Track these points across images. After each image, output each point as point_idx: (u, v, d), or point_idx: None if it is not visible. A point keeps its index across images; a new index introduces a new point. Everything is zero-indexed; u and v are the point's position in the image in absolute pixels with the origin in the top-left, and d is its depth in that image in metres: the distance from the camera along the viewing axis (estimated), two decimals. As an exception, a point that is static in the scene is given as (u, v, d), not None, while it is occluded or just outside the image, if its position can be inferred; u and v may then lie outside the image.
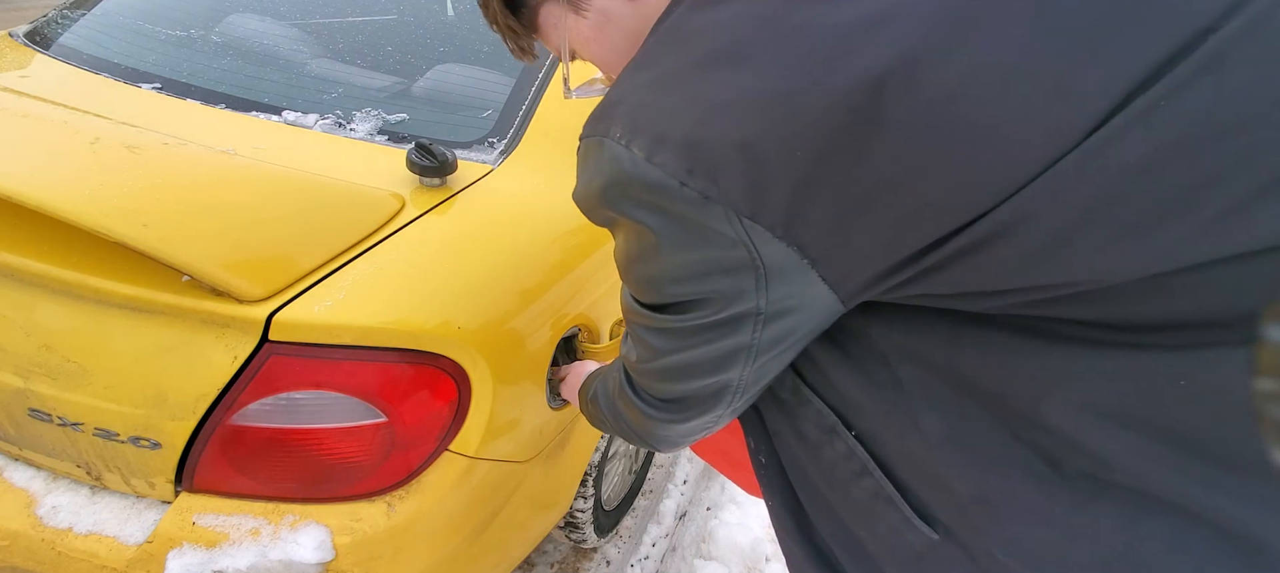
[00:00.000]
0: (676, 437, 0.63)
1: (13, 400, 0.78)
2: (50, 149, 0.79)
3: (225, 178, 0.83)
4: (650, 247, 0.46)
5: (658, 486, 1.78)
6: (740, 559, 1.60)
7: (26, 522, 0.79)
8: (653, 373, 0.56)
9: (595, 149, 0.47)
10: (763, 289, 0.44)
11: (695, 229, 0.43)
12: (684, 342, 0.50)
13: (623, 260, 0.51)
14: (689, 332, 0.49)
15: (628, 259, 0.50)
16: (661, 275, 0.48)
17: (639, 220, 0.45)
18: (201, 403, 0.74)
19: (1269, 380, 0.35)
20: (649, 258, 0.47)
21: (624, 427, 0.67)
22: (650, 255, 0.47)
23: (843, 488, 0.55)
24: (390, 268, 0.82)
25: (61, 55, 1.19)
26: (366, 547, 0.78)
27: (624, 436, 0.70)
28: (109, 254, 0.72)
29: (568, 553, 1.57)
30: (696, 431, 0.61)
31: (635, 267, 0.49)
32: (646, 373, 0.57)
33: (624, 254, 0.50)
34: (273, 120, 1.06)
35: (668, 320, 0.50)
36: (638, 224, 0.45)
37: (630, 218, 0.46)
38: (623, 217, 0.46)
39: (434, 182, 0.95)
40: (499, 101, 1.13)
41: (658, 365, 0.54)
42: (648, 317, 0.52)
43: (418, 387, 0.80)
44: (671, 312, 0.50)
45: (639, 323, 0.54)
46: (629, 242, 0.49)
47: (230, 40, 1.25)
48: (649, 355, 0.55)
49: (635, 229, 0.46)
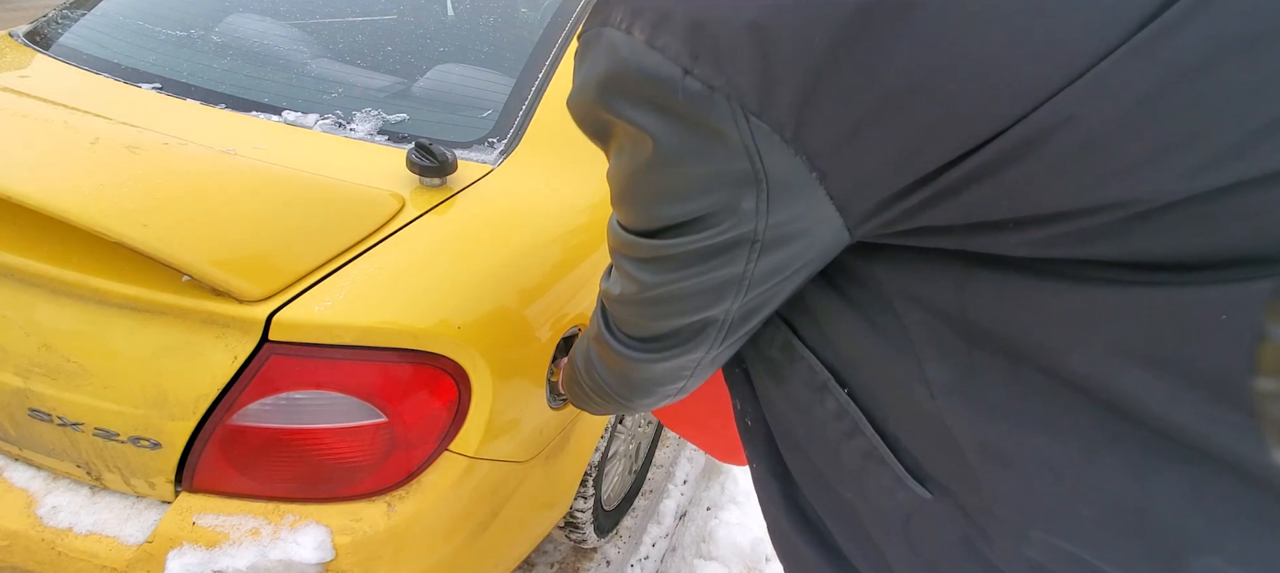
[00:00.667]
0: (652, 383, 0.59)
1: (13, 400, 0.78)
2: (50, 149, 0.79)
3: (225, 178, 0.83)
4: (645, 158, 0.42)
5: (658, 486, 1.78)
6: (740, 559, 1.60)
7: (26, 522, 0.79)
8: (634, 307, 0.53)
9: (594, 41, 0.43)
10: (763, 211, 0.41)
11: (695, 133, 0.39)
12: (671, 273, 0.47)
13: (615, 178, 0.47)
14: (678, 261, 0.46)
15: (620, 176, 0.46)
16: (655, 192, 0.44)
17: (635, 123, 0.41)
18: (201, 403, 0.74)
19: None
20: (642, 172, 0.43)
21: (597, 378, 0.64)
22: (644, 169, 0.43)
23: (831, 449, 0.54)
24: (390, 268, 0.82)
25: (61, 55, 1.19)
26: (366, 547, 0.78)
27: (599, 392, 0.66)
28: (109, 254, 0.72)
29: (568, 553, 1.57)
30: (672, 374, 0.57)
31: (628, 183, 0.46)
32: (627, 307, 0.54)
33: (617, 170, 0.47)
34: (273, 120, 1.06)
35: (656, 248, 0.47)
36: (634, 128, 0.42)
37: (626, 119, 0.42)
38: (618, 119, 0.42)
39: (434, 182, 0.95)
40: (499, 102, 1.13)
41: (640, 298, 0.51)
42: (634, 244, 0.49)
43: (418, 387, 0.80)
44: (661, 236, 0.46)
45: (624, 253, 0.51)
46: (622, 154, 0.45)
47: (230, 40, 1.25)
48: (633, 289, 0.51)
49: (630, 135, 0.43)
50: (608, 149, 0.48)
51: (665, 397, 0.63)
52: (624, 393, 0.62)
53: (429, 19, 1.33)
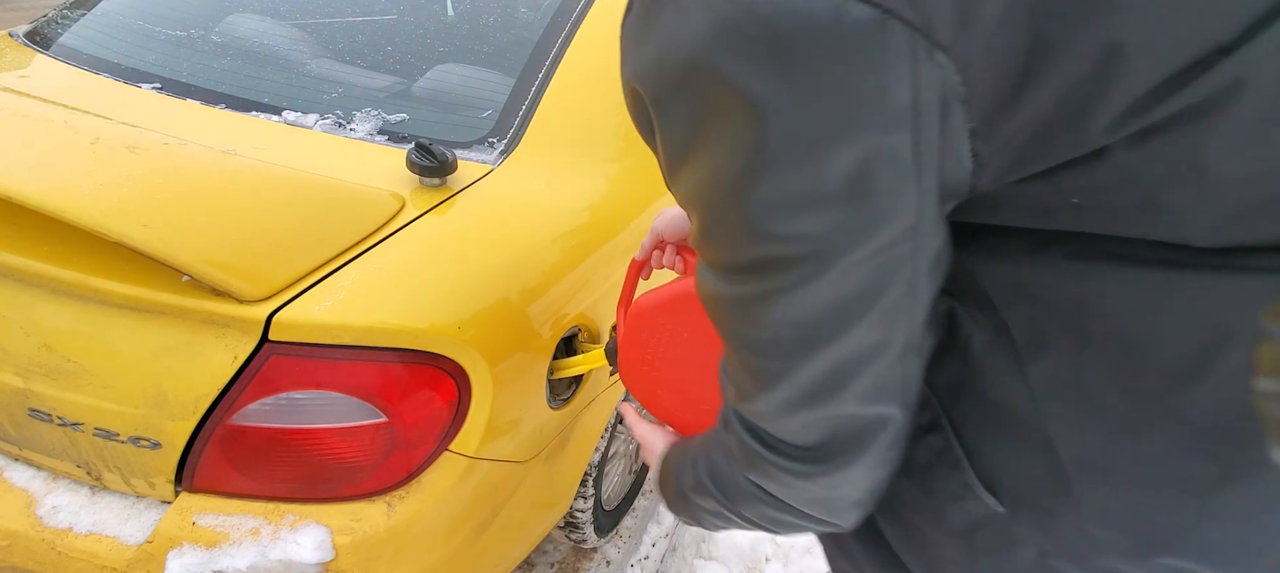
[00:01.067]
0: (857, 491, 0.46)
1: (13, 400, 0.78)
2: (50, 149, 0.79)
3: (225, 178, 0.83)
4: (760, 142, 0.32)
5: (658, 486, 1.78)
6: (740, 559, 1.60)
7: (26, 522, 0.79)
8: (783, 400, 0.41)
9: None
10: (921, 188, 0.33)
11: (845, 93, 0.30)
12: (814, 319, 0.36)
13: (709, 188, 0.36)
14: (816, 293, 0.35)
15: (720, 182, 0.35)
16: (779, 194, 0.33)
17: (749, 93, 0.31)
18: (201, 403, 0.74)
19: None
20: (759, 165, 0.33)
21: (769, 510, 0.49)
22: (761, 160, 0.33)
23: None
24: (390, 268, 0.82)
25: (61, 55, 1.19)
26: (366, 547, 0.78)
27: (774, 525, 0.51)
28: (109, 254, 0.72)
29: (568, 553, 1.57)
30: (878, 466, 0.45)
31: (735, 190, 0.34)
32: (774, 404, 0.42)
33: (712, 175, 0.35)
34: (273, 120, 1.06)
35: (780, 283, 0.36)
36: (747, 104, 0.32)
37: (737, 89, 0.32)
38: (725, 90, 0.32)
39: (434, 182, 0.95)
40: (499, 101, 1.13)
41: (788, 384, 0.39)
42: (752, 294, 0.37)
43: (418, 387, 0.79)
44: (783, 270, 0.35)
45: (743, 329, 0.40)
46: (720, 146, 0.34)
47: (230, 40, 1.25)
48: (771, 372, 0.40)
49: (743, 114, 0.32)
50: (693, 153, 0.36)
51: (877, 492, 0.47)
52: (825, 513, 0.48)
53: (429, 19, 1.33)
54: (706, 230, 0.38)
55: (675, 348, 0.78)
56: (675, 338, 0.78)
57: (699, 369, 0.77)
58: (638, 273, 0.88)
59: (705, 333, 0.74)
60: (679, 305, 0.76)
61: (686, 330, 0.76)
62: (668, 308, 0.78)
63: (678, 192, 0.41)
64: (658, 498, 1.73)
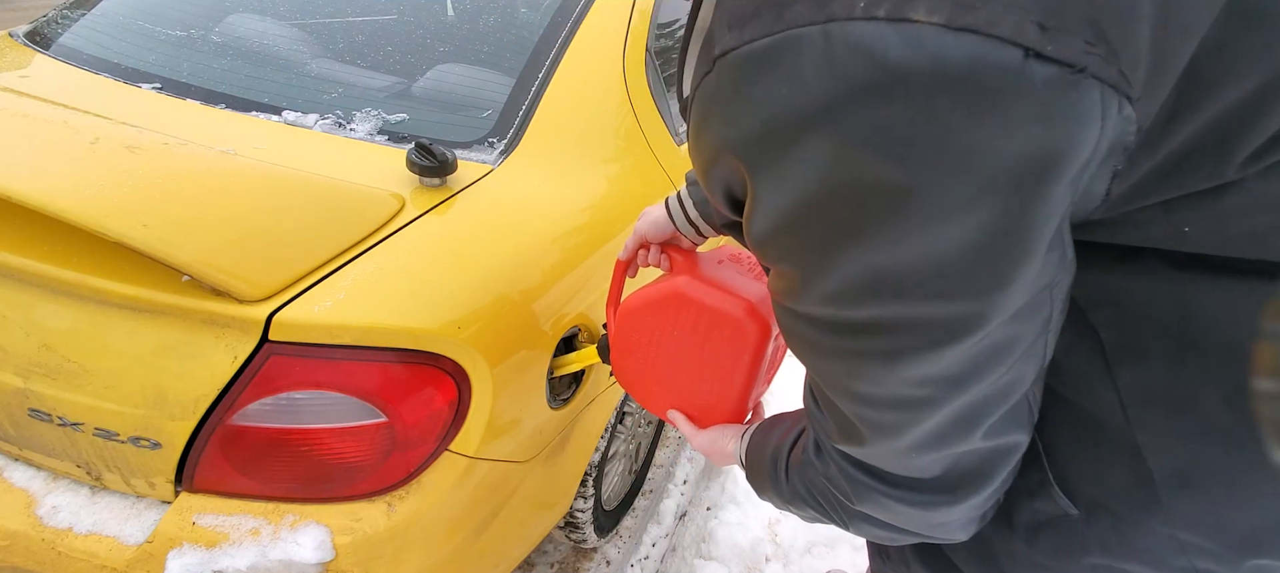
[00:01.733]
0: (980, 510, 0.45)
1: (13, 400, 0.78)
2: (50, 149, 0.79)
3: (225, 178, 0.83)
4: (903, 214, 0.29)
5: (658, 486, 1.78)
6: (740, 559, 1.60)
7: (26, 522, 0.79)
8: (903, 448, 0.39)
9: (794, 50, 0.28)
10: (1065, 236, 0.32)
11: (1011, 157, 0.27)
12: (948, 376, 0.34)
13: (830, 253, 0.32)
14: (956, 352, 0.33)
15: (843, 248, 0.31)
16: (920, 263, 0.30)
17: (895, 166, 0.27)
18: (201, 403, 0.74)
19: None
20: (898, 237, 0.30)
21: (883, 532, 0.48)
22: (902, 232, 0.29)
23: None
24: (390, 268, 0.82)
25: (61, 55, 1.19)
26: (366, 547, 0.78)
27: (888, 540, 0.50)
28: (109, 254, 0.72)
29: (568, 553, 1.57)
30: (1002, 486, 0.44)
31: (866, 257, 0.31)
32: (892, 451, 0.40)
33: (835, 242, 0.32)
34: (272, 120, 1.06)
35: (911, 344, 0.33)
36: (889, 176, 0.28)
37: (879, 163, 0.28)
38: (861, 163, 0.28)
39: (434, 182, 0.95)
40: (499, 101, 1.13)
41: (910, 435, 0.38)
42: (873, 351, 0.34)
43: (418, 387, 0.79)
44: (918, 332, 0.33)
45: (853, 383, 0.37)
46: (853, 216, 0.30)
47: (230, 40, 1.25)
48: (889, 424, 0.37)
49: (883, 186, 0.28)
50: (805, 214, 0.32)
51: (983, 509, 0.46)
52: (940, 536, 0.47)
53: (429, 19, 1.33)
54: (809, 285, 0.34)
55: (666, 345, 0.79)
56: (666, 335, 0.78)
57: (690, 364, 0.78)
58: (624, 272, 0.89)
59: (694, 329, 0.75)
60: (667, 304, 0.77)
61: (676, 327, 0.77)
62: (656, 307, 0.78)
63: (771, 251, 0.36)
64: (659, 498, 1.73)
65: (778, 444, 0.58)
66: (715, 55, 0.32)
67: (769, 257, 0.37)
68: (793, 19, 0.28)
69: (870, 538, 0.52)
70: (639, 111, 1.29)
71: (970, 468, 0.41)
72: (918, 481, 0.41)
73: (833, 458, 0.45)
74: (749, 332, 0.71)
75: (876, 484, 0.43)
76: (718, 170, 0.36)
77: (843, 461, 0.44)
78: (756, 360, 0.72)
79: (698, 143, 0.37)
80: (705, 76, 0.33)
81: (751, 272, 0.78)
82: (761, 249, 0.37)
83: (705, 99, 0.34)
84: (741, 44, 0.30)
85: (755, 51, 0.29)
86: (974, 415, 0.37)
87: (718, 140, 0.34)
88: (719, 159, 0.35)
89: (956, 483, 0.41)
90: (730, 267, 0.79)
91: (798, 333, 0.38)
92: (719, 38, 0.32)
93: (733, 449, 0.71)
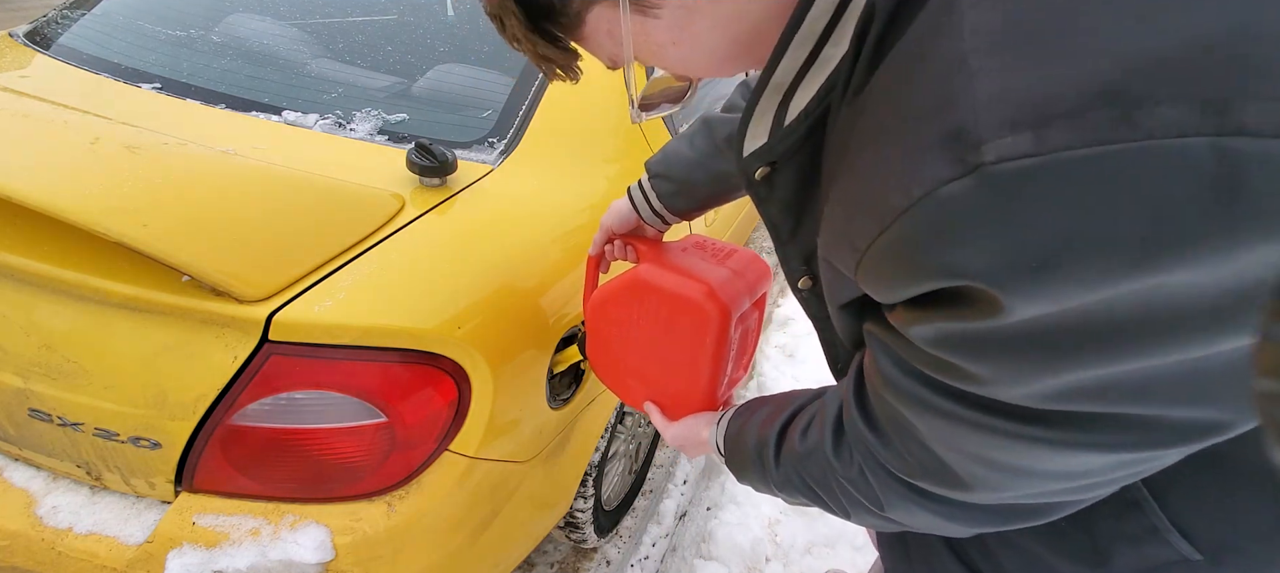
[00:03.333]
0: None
1: (13, 400, 0.78)
2: (50, 149, 0.79)
3: (225, 178, 0.83)
4: (1233, 324, 0.26)
5: (658, 486, 1.78)
6: (740, 559, 1.60)
7: (26, 522, 0.79)
8: (989, 500, 0.39)
9: (1153, 167, 0.23)
10: None
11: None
12: (1093, 470, 0.34)
13: (1111, 359, 0.29)
14: (1120, 449, 0.32)
15: (1132, 348, 0.28)
16: (1215, 365, 0.28)
17: (1229, 255, 0.23)
18: (201, 403, 0.74)
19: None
20: (1151, 347, 0.27)
21: (886, 524, 0.49)
22: (1225, 337, 0.26)
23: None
24: (390, 268, 0.82)
25: (61, 55, 1.19)
26: (366, 547, 0.78)
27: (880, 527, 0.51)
28: (109, 254, 0.72)
29: (568, 553, 1.57)
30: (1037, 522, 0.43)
31: (1154, 359, 0.28)
32: (974, 500, 0.39)
33: (1046, 347, 0.29)
34: (273, 120, 1.06)
35: (1086, 439, 0.32)
36: (1171, 295, 0.25)
37: (1180, 286, 0.25)
38: (1210, 254, 0.24)
39: (434, 182, 0.95)
40: (499, 101, 1.13)
41: (1009, 495, 0.37)
42: (1025, 436, 0.33)
43: (418, 387, 0.79)
44: (1103, 429, 0.31)
45: (977, 448, 0.35)
46: (1167, 325, 0.27)
47: (230, 40, 1.25)
48: (992, 484, 0.37)
49: (1152, 304, 0.26)
50: (1034, 324, 0.28)
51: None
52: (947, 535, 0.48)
53: (429, 19, 1.33)
54: (1031, 381, 0.30)
55: (634, 335, 0.79)
56: (633, 325, 0.78)
57: (658, 354, 0.78)
58: (596, 268, 0.89)
59: (657, 317, 0.75)
60: (631, 292, 0.77)
61: (641, 316, 0.77)
62: (622, 296, 0.78)
63: (987, 356, 0.31)
64: (659, 498, 1.73)
65: (762, 433, 0.58)
66: (979, 162, 0.25)
67: (968, 357, 0.32)
68: (1156, 127, 0.22)
69: (866, 526, 0.52)
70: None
71: (1033, 508, 0.40)
72: (972, 506, 0.41)
73: (869, 471, 0.45)
74: (710, 314, 0.69)
75: (920, 501, 0.42)
76: (903, 283, 0.31)
77: (888, 478, 0.43)
78: (720, 344, 0.71)
79: (896, 257, 0.31)
80: (945, 184, 0.26)
81: (715, 257, 0.76)
82: (965, 354, 0.32)
83: (937, 212, 0.27)
84: (1043, 152, 0.24)
85: (1070, 163, 0.23)
86: (1082, 488, 0.36)
87: (945, 263, 0.28)
88: (926, 279, 0.30)
89: (1006, 514, 0.41)
90: (694, 253, 0.77)
91: (934, 406, 0.35)
92: (985, 135, 0.25)
93: (707, 436, 0.71)
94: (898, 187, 0.29)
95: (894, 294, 0.33)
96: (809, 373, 2.21)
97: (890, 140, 0.30)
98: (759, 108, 0.44)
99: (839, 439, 0.48)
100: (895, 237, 0.30)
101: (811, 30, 0.38)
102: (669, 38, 0.43)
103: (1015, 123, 0.24)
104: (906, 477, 0.42)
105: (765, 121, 0.44)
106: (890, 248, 0.31)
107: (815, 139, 0.43)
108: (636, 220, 0.83)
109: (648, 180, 0.81)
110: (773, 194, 0.48)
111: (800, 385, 2.16)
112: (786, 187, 0.47)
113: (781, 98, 0.42)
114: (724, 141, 0.76)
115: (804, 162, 0.45)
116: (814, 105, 0.41)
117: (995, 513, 0.41)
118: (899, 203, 0.29)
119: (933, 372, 0.35)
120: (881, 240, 0.31)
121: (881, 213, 0.30)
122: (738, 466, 0.64)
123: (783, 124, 0.43)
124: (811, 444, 0.52)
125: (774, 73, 0.41)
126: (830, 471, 0.49)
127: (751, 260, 0.77)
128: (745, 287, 0.73)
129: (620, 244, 0.85)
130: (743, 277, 0.73)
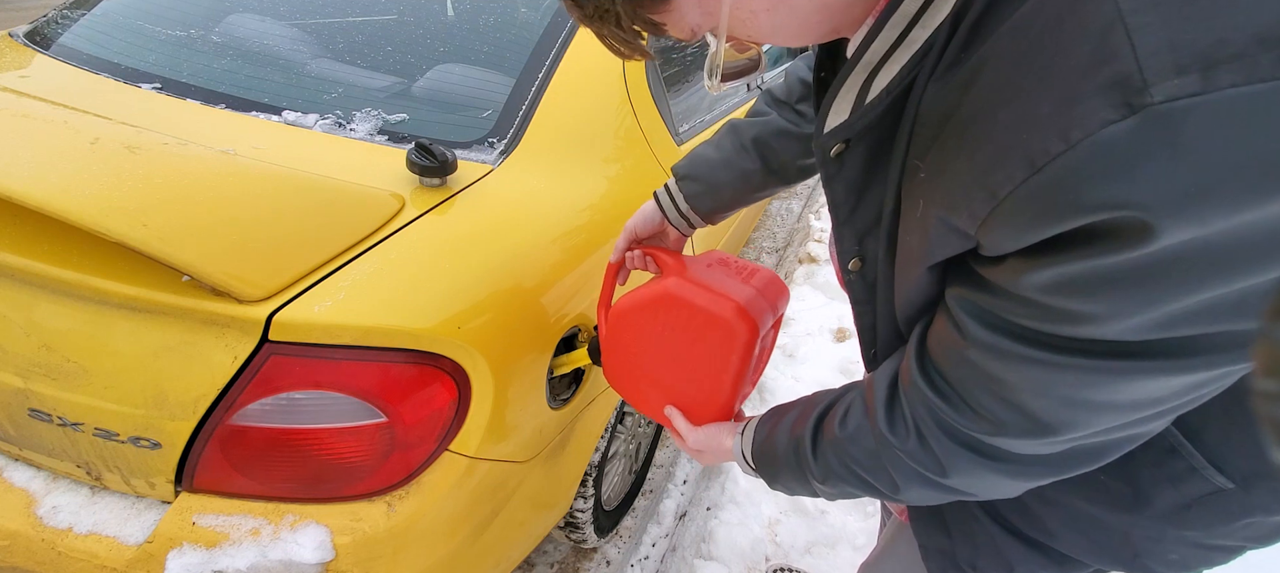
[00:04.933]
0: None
1: (13, 400, 0.78)
2: (50, 149, 0.79)
3: (225, 178, 0.83)
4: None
5: (658, 486, 1.78)
6: (740, 559, 1.60)
7: (26, 522, 0.79)
8: (1051, 443, 0.42)
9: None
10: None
11: None
12: (1165, 395, 0.37)
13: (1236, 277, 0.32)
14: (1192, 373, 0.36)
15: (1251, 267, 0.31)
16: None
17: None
18: (201, 403, 0.74)
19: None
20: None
21: (933, 493, 0.52)
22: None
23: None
24: (390, 268, 0.82)
25: (61, 55, 1.19)
26: (366, 547, 0.78)
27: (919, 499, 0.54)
28: (109, 254, 0.72)
29: (568, 553, 1.57)
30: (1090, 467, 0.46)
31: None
32: (1036, 447, 0.42)
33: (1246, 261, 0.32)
34: (273, 120, 1.06)
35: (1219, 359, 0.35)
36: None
37: None
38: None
39: (434, 182, 0.95)
40: (499, 101, 1.13)
41: (1071, 438, 0.41)
42: (1117, 370, 0.36)
43: (418, 387, 0.79)
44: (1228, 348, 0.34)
45: (1047, 392, 0.39)
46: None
47: (230, 40, 1.25)
48: (1059, 427, 0.40)
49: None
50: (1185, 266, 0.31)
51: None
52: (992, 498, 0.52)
53: (429, 19, 1.33)
54: (1141, 312, 0.33)
55: (657, 346, 0.81)
56: (657, 336, 0.80)
57: (681, 365, 0.80)
58: (615, 275, 0.91)
59: (684, 330, 0.77)
60: (658, 305, 0.79)
61: (667, 328, 0.79)
62: (648, 308, 0.80)
63: (1117, 291, 0.34)
64: (659, 498, 1.73)
65: (795, 433, 0.61)
66: (1146, 103, 0.28)
67: (1087, 296, 0.34)
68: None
69: (918, 502, 0.54)
70: (639, 111, 1.29)
71: (1092, 448, 0.42)
72: (1036, 457, 0.43)
73: (933, 438, 0.47)
74: (739, 332, 0.73)
75: (987, 461, 0.45)
76: (1044, 223, 0.33)
77: (954, 444, 0.46)
78: (744, 360, 0.74)
79: (1045, 197, 0.33)
80: (1109, 125, 0.29)
81: (739, 275, 0.80)
82: (1085, 293, 0.34)
83: (1099, 151, 0.30)
84: (1210, 90, 0.27)
85: (1237, 98, 0.27)
86: (1142, 421, 0.39)
87: (1105, 196, 0.30)
88: (1074, 216, 0.32)
89: (1067, 460, 0.43)
90: (718, 270, 0.80)
91: (1028, 357, 0.38)
92: (1152, 79, 0.28)
93: (731, 445, 0.73)
94: (1054, 132, 0.31)
95: (1022, 240, 0.35)
96: (809, 373, 2.21)
97: (1034, 96, 0.33)
98: (847, 84, 0.46)
99: (893, 413, 0.50)
100: (1049, 178, 0.32)
101: (907, 11, 0.41)
102: (764, 4, 0.44)
103: (1181, 67, 0.27)
104: (983, 436, 0.44)
105: (849, 99, 0.46)
106: (1041, 189, 0.32)
107: (888, 120, 0.45)
108: (661, 223, 0.84)
109: (674, 183, 0.82)
110: (841, 172, 0.51)
111: (800, 385, 2.16)
112: (855, 166, 0.49)
113: (867, 75, 0.45)
114: (752, 142, 0.80)
115: (873, 143, 0.47)
116: (897, 83, 0.43)
117: (1056, 463, 0.43)
118: (1056, 147, 0.31)
119: (1032, 321, 0.37)
120: (1030, 183, 0.33)
121: (1032, 157, 0.32)
122: (770, 472, 0.66)
123: (865, 101, 0.45)
124: (854, 427, 0.54)
125: (866, 51, 0.44)
126: (884, 446, 0.51)
127: (772, 280, 0.80)
128: (768, 306, 0.76)
129: (640, 254, 0.86)
130: (765, 296, 0.77)
